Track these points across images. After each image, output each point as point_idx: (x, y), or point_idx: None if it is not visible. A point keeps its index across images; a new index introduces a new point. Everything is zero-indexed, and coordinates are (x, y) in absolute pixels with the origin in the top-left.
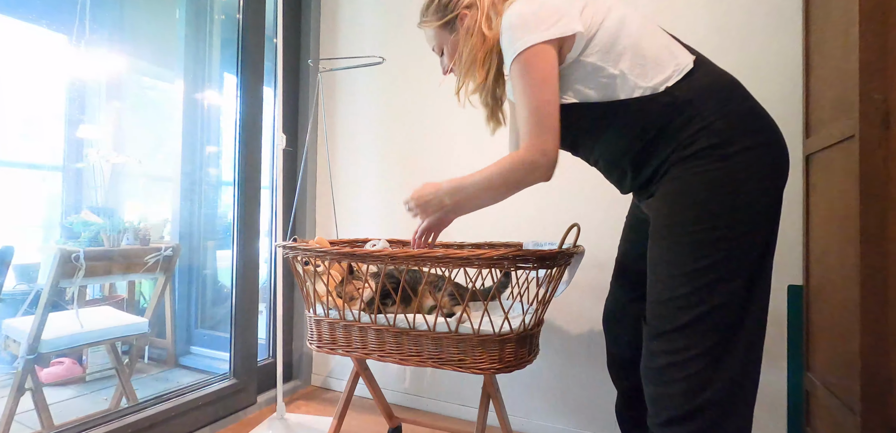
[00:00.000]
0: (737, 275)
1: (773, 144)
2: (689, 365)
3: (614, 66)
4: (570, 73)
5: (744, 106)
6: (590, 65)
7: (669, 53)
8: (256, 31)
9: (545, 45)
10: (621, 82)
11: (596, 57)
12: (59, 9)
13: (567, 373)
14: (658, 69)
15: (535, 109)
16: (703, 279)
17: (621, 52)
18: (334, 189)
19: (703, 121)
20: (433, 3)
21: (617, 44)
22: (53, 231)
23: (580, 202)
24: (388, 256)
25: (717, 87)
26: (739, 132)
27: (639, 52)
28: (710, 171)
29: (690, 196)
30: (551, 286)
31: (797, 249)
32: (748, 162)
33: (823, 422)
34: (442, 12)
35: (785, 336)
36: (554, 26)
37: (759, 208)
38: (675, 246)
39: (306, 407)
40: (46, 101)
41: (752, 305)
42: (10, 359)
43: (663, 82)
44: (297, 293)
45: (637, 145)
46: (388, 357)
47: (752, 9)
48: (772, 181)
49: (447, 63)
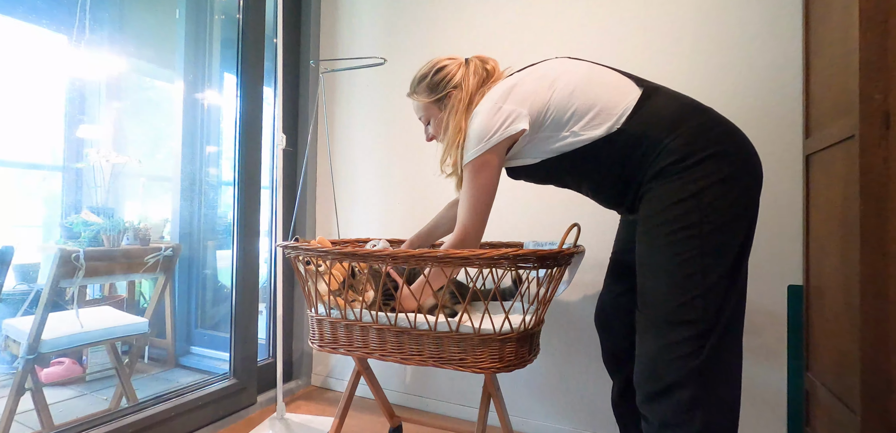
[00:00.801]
0: (712, 270)
1: (733, 153)
2: (673, 349)
3: (568, 129)
4: (530, 147)
5: (696, 121)
6: (546, 136)
7: (620, 94)
8: (256, 31)
9: (490, 153)
10: (578, 139)
11: (549, 130)
12: (59, 9)
13: (567, 372)
14: (608, 115)
15: (474, 205)
16: (681, 274)
17: (572, 116)
18: (335, 189)
19: (660, 146)
20: (425, 79)
21: (567, 112)
22: (53, 231)
23: (580, 202)
24: (388, 256)
25: (666, 112)
26: (696, 145)
27: (589, 107)
28: (675, 182)
29: (663, 204)
30: (552, 286)
31: (797, 249)
32: (707, 170)
33: (823, 422)
34: (433, 91)
35: (785, 336)
36: (498, 132)
37: (723, 208)
38: (654, 245)
39: (306, 407)
40: (46, 101)
41: (731, 297)
42: (10, 359)
43: (614, 125)
44: (298, 293)
45: (612, 178)
46: (389, 356)
47: (751, 9)
48: (734, 184)
49: (432, 132)
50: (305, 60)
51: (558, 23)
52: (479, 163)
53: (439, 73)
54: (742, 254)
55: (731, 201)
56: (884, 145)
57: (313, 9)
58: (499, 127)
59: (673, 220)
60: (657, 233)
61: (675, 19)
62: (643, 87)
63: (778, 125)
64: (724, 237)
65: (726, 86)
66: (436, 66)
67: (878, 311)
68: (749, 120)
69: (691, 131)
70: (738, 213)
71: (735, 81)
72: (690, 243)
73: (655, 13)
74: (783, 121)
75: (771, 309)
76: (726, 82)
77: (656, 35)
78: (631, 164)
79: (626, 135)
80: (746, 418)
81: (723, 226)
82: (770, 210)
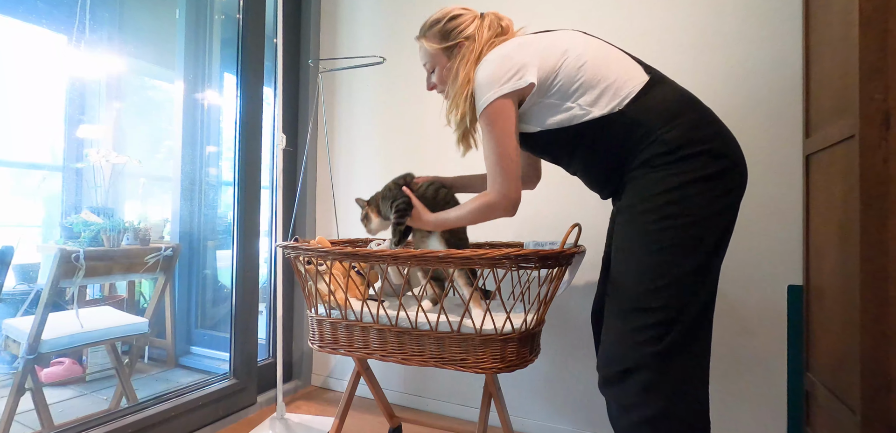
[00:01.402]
0: (682, 262)
1: (722, 154)
2: (636, 333)
3: (573, 100)
4: (534, 111)
5: (691, 117)
6: (551, 104)
7: (627, 76)
8: (256, 31)
9: (503, 99)
10: (580, 112)
11: (555, 98)
12: (59, 9)
13: (567, 372)
14: (613, 95)
15: (497, 160)
16: (652, 261)
17: (578, 88)
18: (334, 189)
19: (653, 135)
20: (437, 25)
21: (574, 83)
22: (53, 231)
23: (581, 202)
24: (389, 256)
25: (665, 103)
26: (687, 140)
27: (596, 83)
28: (660, 173)
29: (645, 192)
30: (552, 286)
31: (797, 249)
32: (694, 166)
33: (823, 422)
34: (443, 38)
35: (785, 336)
36: (509, 82)
37: (703, 204)
38: (633, 234)
39: (306, 407)
40: (46, 101)
41: (699, 294)
42: (10, 359)
43: (617, 106)
44: (298, 293)
45: (603, 160)
46: (390, 356)
47: (752, 9)
48: (718, 184)
49: (435, 81)
50: (306, 60)
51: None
52: (494, 111)
53: (453, 20)
54: (715, 254)
55: (711, 199)
56: (884, 145)
57: (313, 9)
58: (510, 76)
59: (654, 210)
60: (637, 222)
61: (676, 19)
62: (650, 75)
63: (778, 125)
64: (700, 232)
65: (726, 86)
66: (450, 13)
67: (878, 311)
68: (749, 120)
69: (685, 126)
70: (718, 212)
71: (735, 81)
72: (666, 234)
73: (655, 13)
74: (783, 121)
75: (771, 309)
76: (726, 82)
77: (656, 35)
78: (623, 148)
79: (626, 118)
80: (746, 418)
81: (700, 221)
82: (770, 210)
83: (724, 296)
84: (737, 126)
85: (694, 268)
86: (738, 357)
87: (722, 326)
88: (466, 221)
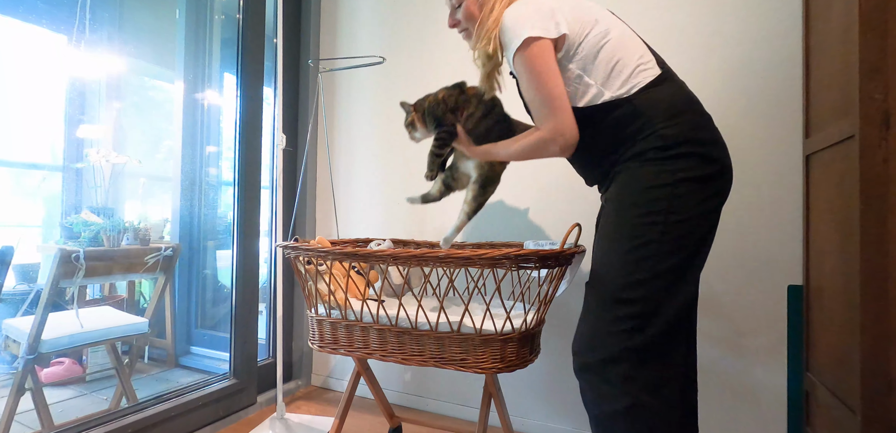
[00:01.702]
0: (665, 258)
1: (715, 159)
2: (614, 324)
3: (590, 76)
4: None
5: (693, 119)
6: (571, 71)
7: (641, 65)
8: (256, 31)
9: (542, 41)
10: (593, 90)
11: (577, 65)
12: (59, 9)
13: (567, 372)
14: (624, 81)
15: (544, 100)
16: (635, 255)
17: (598, 64)
18: (334, 189)
19: (652, 128)
20: None
21: (596, 56)
22: (53, 231)
23: (580, 201)
24: (390, 256)
25: (671, 100)
26: (684, 140)
27: (613, 64)
28: (652, 167)
29: (635, 186)
30: (552, 286)
31: (797, 249)
32: (686, 165)
33: (823, 422)
34: None
35: (785, 336)
36: (546, 27)
37: (692, 204)
38: (618, 224)
39: (306, 407)
40: (46, 101)
41: (678, 293)
42: (10, 359)
43: (626, 92)
44: (298, 293)
45: (600, 144)
46: (390, 357)
47: (752, 9)
48: (708, 186)
49: (459, 17)
50: (305, 60)
51: None
52: (533, 52)
53: None
54: (696, 255)
55: (699, 201)
56: (884, 145)
57: (313, 9)
58: (547, 21)
59: (642, 204)
60: (625, 214)
61: (675, 19)
62: (663, 70)
63: (778, 125)
64: (686, 230)
65: (726, 86)
66: None
67: (878, 311)
68: (749, 120)
69: (685, 125)
70: (703, 214)
71: (735, 81)
72: (653, 229)
73: (656, 13)
74: (783, 121)
75: (771, 309)
76: (726, 82)
77: (656, 35)
78: (621, 135)
79: (631, 106)
80: (746, 418)
81: (687, 220)
82: (770, 210)
83: (725, 296)
84: (737, 126)
85: (673, 266)
86: (738, 357)
87: (722, 326)
88: (517, 156)
